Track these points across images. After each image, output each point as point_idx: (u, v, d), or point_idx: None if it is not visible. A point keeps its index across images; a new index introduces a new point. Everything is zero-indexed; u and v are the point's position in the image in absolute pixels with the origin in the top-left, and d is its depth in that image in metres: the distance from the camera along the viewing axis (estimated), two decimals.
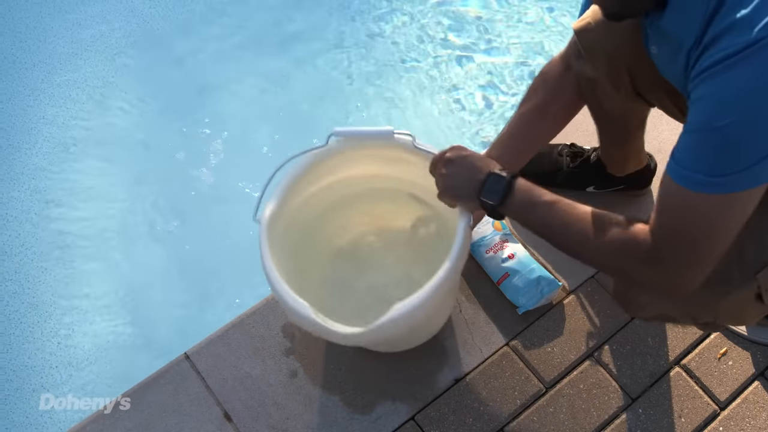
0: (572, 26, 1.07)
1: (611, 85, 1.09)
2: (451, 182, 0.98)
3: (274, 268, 1.00)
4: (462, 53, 2.07)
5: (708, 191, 0.75)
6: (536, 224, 0.93)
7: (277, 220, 1.06)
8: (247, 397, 1.21)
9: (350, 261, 1.31)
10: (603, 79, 1.09)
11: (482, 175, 0.95)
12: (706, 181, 0.75)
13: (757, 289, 0.94)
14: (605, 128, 1.27)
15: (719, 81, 0.71)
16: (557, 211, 0.90)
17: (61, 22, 2.09)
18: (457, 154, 0.98)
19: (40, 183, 1.77)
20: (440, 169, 0.99)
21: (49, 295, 1.60)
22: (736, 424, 1.21)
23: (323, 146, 1.11)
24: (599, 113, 1.22)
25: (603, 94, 1.13)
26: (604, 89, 1.11)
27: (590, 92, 1.14)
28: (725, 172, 0.73)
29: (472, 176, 0.95)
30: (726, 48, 0.69)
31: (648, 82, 1.05)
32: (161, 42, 2.07)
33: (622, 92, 1.10)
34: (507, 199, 0.93)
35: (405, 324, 0.97)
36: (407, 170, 1.17)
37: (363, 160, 1.18)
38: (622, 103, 1.14)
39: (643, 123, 1.26)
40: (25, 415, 1.43)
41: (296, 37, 2.10)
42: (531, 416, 1.21)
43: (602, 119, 1.24)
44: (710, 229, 0.78)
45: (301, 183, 1.12)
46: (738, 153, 0.72)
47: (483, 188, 0.94)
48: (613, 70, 1.07)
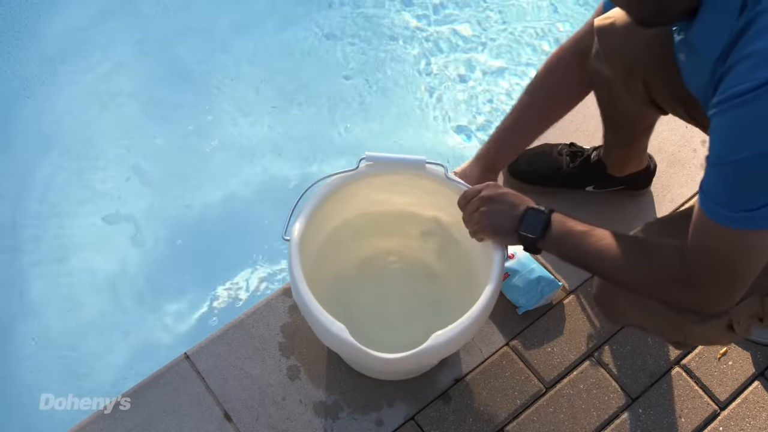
0: (595, 23, 1.06)
1: (626, 90, 1.09)
2: (491, 220, 1.01)
3: (307, 290, 1.02)
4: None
5: (733, 226, 0.75)
6: (573, 254, 0.96)
7: (304, 239, 1.08)
8: (247, 397, 1.21)
9: (362, 282, 1.32)
10: (619, 83, 1.09)
11: (520, 211, 0.98)
12: (730, 216, 0.75)
13: (729, 321, 0.94)
14: (612, 129, 1.27)
15: (735, 115, 0.70)
16: (592, 239, 0.93)
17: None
18: (494, 192, 1.01)
19: (40, 185, 1.77)
20: (478, 207, 1.02)
21: (49, 295, 1.60)
22: (736, 424, 1.21)
23: (353, 169, 1.13)
24: (609, 112, 1.22)
25: (617, 96, 1.13)
26: (619, 92, 1.11)
27: (604, 91, 1.14)
28: (746, 208, 0.73)
29: (510, 212, 0.99)
30: (745, 80, 0.69)
31: (665, 93, 1.04)
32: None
33: (637, 99, 1.10)
34: (546, 233, 0.96)
35: (442, 352, 1.01)
36: (435, 200, 1.21)
37: (391, 183, 1.20)
38: (635, 107, 1.13)
39: (651, 128, 1.26)
40: (25, 415, 1.43)
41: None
42: (531, 416, 1.21)
43: (611, 118, 1.24)
44: (738, 260, 0.79)
45: (328, 203, 1.14)
46: (756, 190, 0.72)
47: (522, 223, 0.98)
48: (629, 78, 1.06)
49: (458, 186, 1.12)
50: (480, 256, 1.14)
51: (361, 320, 1.26)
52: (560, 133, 1.51)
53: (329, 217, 1.19)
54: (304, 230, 1.08)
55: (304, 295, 1.01)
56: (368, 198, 1.22)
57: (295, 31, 2.09)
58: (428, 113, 1.95)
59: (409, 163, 1.14)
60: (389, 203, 1.25)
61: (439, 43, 2.10)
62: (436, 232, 1.28)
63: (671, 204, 1.45)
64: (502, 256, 1.05)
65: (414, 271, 1.32)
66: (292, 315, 1.29)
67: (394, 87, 2.00)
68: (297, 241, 1.06)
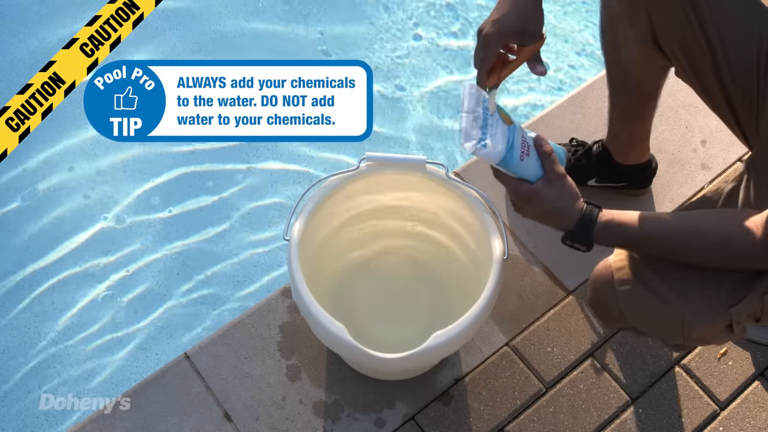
0: None
1: (630, 24, 1.08)
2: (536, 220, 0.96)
3: (307, 290, 1.02)
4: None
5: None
6: (638, 248, 0.93)
7: (304, 239, 1.08)
8: (247, 397, 1.21)
9: (362, 282, 1.32)
10: (623, 17, 1.08)
11: (563, 226, 0.92)
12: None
13: (729, 321, 0.94)
14: (618, 97, 1.26)
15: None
16: (649, 241, 0.89)
17: None
18: (537, 211, 0.94)
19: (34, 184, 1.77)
20: (520, 210, 0.97)
21: (49, 294, 1.60)
22: (736, 424, 1.21)
23: (354, 169, 1.13)
24: (615, 70, 1.21)
25: (622, 38, 1.12)
26: (624, 30, 1.10)
27: (610, 34, 1.13)
28: None
29: (555, 224, 0.94)
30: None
31: (669, 28, 1.03)
32: None
33: (640, 35, 1.08)
34: (595, 241, 0.91)
35: (442, 352, 1.01)
36: (435, 200, 1.21)
37: (391, 183, 1.20)
38: (638, 51, 1.12)
39: (656, 93, 1.24)
40: (25, 415, 1.43)
41: None
42: (531, 416, 1.21)
43: (617, 79, 1.23)
44: None
45: (328, 204, 1.14)
46: None
47: (567, 240, 0.93)
48: (633, 6, 1.05)
49: (458, 186, 1.12)
50: (480, 255, 1.14)
51: (361, 320, 1.27)
52: (560, 132, 1.51)
53: (329, 217, 1.19)
54: (304, 230, 1.08)
55: (304, 295, 1.02)
56: (368, 198, 1.22)
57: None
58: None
59: (409, 162, 1.14)
60: (389, 203, 1.25)
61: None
62: (436, 233, 1.28)
63: (671, 204, 1.45)
64: (502, 255, 1.05)
65: (414, 270, 1.32)
66: (292, 315, 1.29)
67: None
68: (297, 241, 1.06)
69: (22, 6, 2.01)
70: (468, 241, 1.20)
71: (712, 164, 1.51)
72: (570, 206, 0.91)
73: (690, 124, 1.56)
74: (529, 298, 1.33)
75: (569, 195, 0.92)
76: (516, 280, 1.34)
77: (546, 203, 0.92)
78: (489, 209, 1.11)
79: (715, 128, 1.54)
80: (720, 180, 1.30)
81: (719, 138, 1.53)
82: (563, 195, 0.92)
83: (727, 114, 1.05)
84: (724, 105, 1.03)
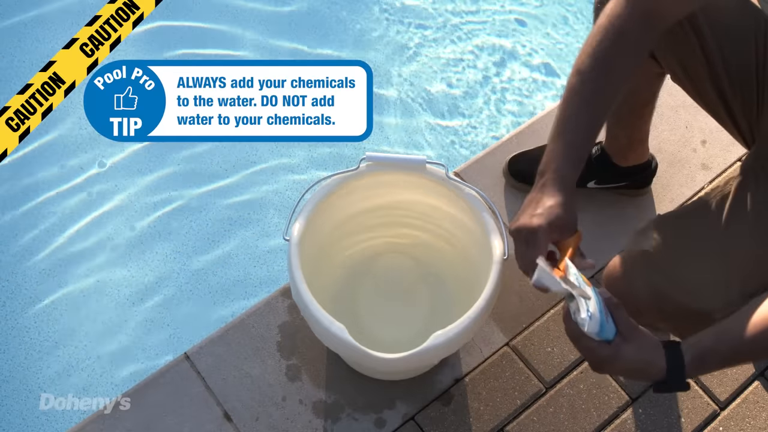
0: None
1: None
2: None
3: (307, 290, 1.02)
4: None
5: None
6: (730, 364, 0.88)
7: (304, 239, 1.08)
8: (247, 397, 1.21)
9: (362, 282, 1.32)
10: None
11: (652, 378, 0.83)
12: None
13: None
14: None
15: None
16: (730, 354, 0.82)
17: None
18: (615, 367, 0.82)
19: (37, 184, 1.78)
20: (600, 370, 0.84)
21: (49, 294, 1.60)
22: (736, 424, 1.21)
23: (354, 169, 1.13)
24: None
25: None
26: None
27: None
28: None
29: (643, 378, 0.85)
30: None
31: (664, 40, 1.02)
32: None
33: None
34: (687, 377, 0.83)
35: (442, 352, 1.01)
36: (435, 200, 1.21)
37: (391, 183, 1.20)
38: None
39: (653, 98, 1.24)
40: (25, 415, 1.43)
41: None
42: (531, 416, 1.21)
43: None
44: None
45: (328, 204, 1.14)
46: None
47: (663, 390, 0.84)
48: None
49: (458, 186, 1.12)
50: (480, 255, 1.14)
51: (360, 320, 1.27)
52: None
53: (329, 217, 1.19)
54: (304, 230, 1.08)
55: (303, 295, 1.02)
56: (368, 198, 1.22)
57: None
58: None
59: (409, 162, 1.14)
60: (389, 203, 1.25)
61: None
62: (436, 232, 1.28)
63: (671, 204, 1.45)
64: (502, 255, 1.05)
65: (414, 271, 1.33)
66: (292, 315, 1.29)
67: None
68: (297, 241, 1.06)
69: (23, 6, 2.02)
70: (468, 241, 1.20)
71: (712, 164, 1.51)
72: (654, 359, 0.82)
73: (690, 124, 1.56)
74: (529, 298, 1.33)
75: (649, 346, 0.83)
76: (516, 280, 1.34)
77: (629, 363, 0.82)
78: (489, 209, 1.11)
79: (715, 128, 1.53)
80: (720, 180, 1.31)
81: (719, 138, 1.53)
82: (643, 348, 0.83)
83: (725, 118, 1.05)
84: (722, 111, 1.03)
